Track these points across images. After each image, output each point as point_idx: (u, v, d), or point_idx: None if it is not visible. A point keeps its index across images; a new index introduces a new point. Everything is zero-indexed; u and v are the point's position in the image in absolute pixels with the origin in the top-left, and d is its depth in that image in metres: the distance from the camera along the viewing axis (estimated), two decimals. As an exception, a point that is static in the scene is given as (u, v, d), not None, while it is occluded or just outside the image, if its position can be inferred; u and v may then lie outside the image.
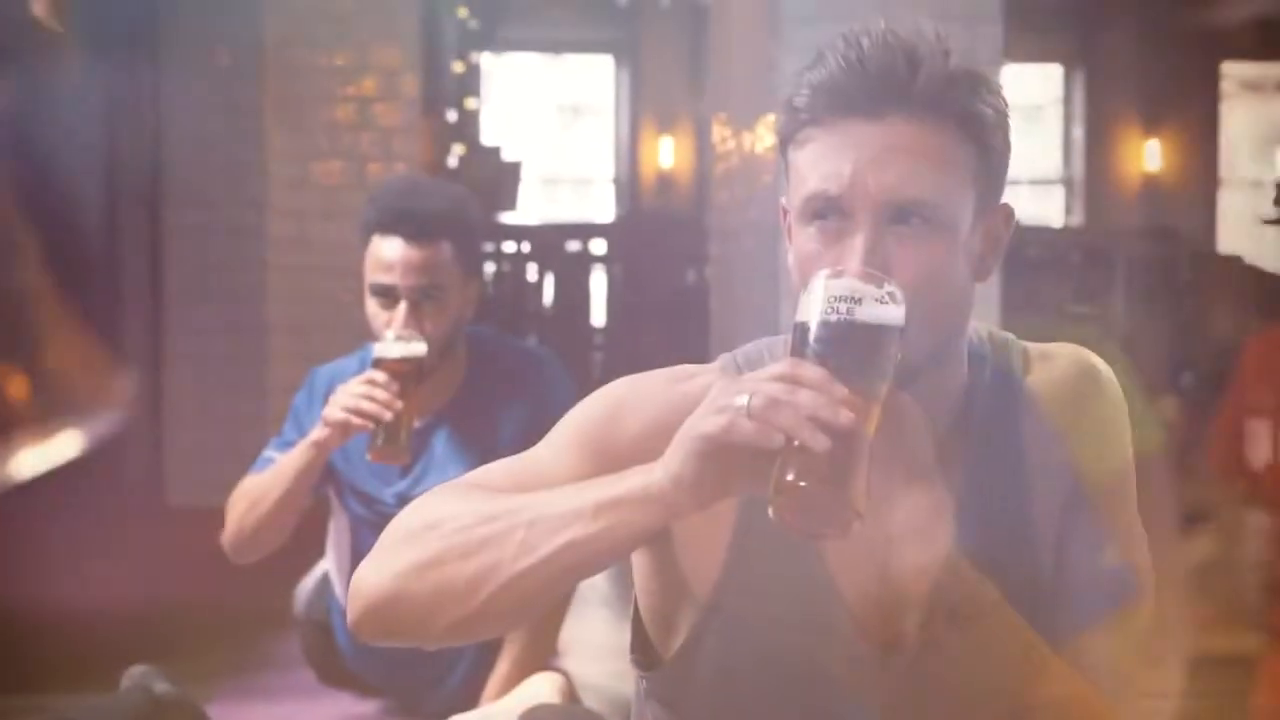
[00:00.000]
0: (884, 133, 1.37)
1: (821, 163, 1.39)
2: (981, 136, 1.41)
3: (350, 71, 5.71)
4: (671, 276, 8.77)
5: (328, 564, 3.21)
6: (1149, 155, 11.61)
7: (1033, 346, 1.55)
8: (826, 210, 1.39)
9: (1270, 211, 11.00)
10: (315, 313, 5.48)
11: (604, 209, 12.65)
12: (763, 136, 5.18)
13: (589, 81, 12.88)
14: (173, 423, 5.90)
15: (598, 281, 8.75)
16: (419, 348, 2.78)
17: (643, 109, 12.34)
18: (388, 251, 2.82)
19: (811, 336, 1.27)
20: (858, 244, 1.36)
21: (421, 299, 2.81)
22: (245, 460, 2.97)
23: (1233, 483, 3.74)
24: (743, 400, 1.22)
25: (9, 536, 3.33)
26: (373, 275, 2.83)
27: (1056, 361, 1.54)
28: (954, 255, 1.40)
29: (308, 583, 3.31)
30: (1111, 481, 1.53)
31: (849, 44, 1.39)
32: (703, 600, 1.50)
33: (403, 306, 2.81)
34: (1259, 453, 3.60)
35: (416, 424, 2.93)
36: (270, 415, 5.16)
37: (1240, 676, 3.56)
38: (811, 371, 1.23)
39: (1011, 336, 1.56)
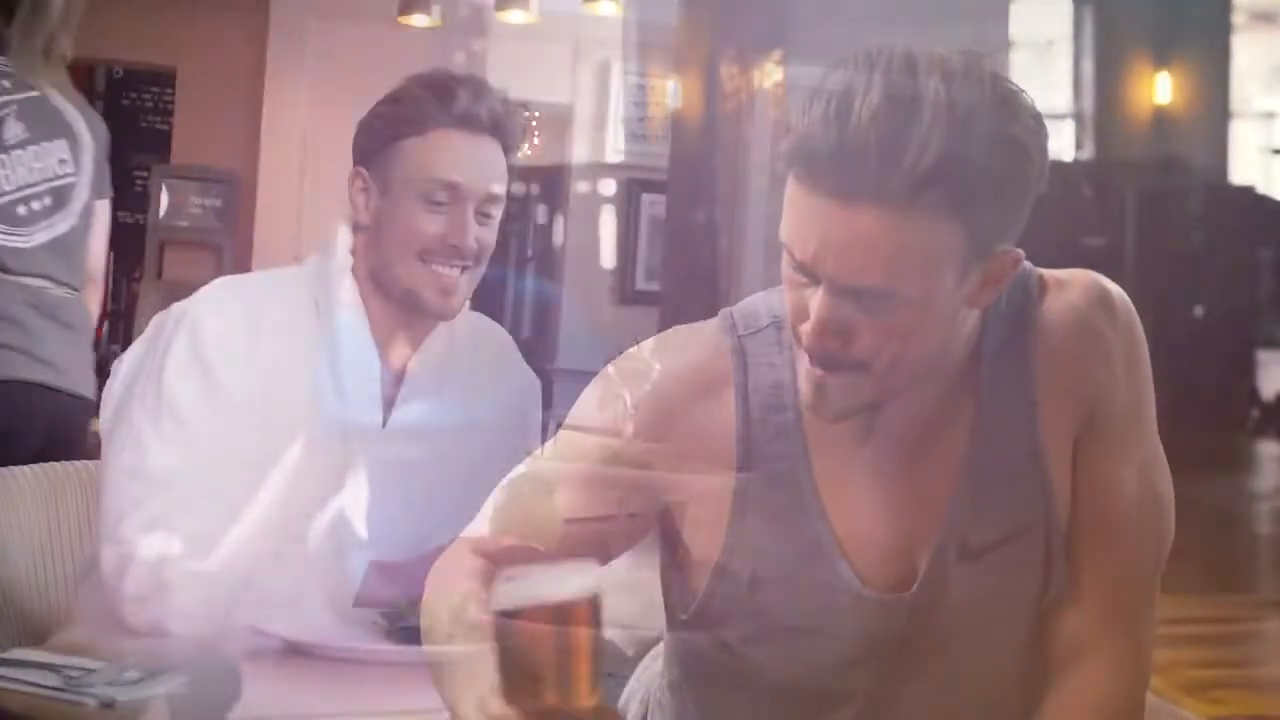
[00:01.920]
0: (852, 219, 1.32)
1: (794, 221, 1.36)
2: (969, 215, 1.33)
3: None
4: (680, 216, 8.72)
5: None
6: (1160, 88, 11.53)
7: (1048, 274, 1.53)
8: (795, 262, 1.38)
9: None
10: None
11: (613, 150, 12.58)
12: (770, 73, 5.14)
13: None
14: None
15: (607, 223, 8.72)
16: None
17: (651, 49, 12.25)
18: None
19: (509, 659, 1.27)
20: (815, 305, 1.36)
21: None
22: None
23: None
24: None
25: None
26: None
27: (1071, 288, 1.52)
28: (923, 315, 1.37)
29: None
30: (1128, 407, 1.51)
31: (840, 106, 1.31)
32: (711, 566, 1.51)
33: None
34: None
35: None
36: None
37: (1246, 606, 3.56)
38: None
39: (1028, 264, 1.53)
